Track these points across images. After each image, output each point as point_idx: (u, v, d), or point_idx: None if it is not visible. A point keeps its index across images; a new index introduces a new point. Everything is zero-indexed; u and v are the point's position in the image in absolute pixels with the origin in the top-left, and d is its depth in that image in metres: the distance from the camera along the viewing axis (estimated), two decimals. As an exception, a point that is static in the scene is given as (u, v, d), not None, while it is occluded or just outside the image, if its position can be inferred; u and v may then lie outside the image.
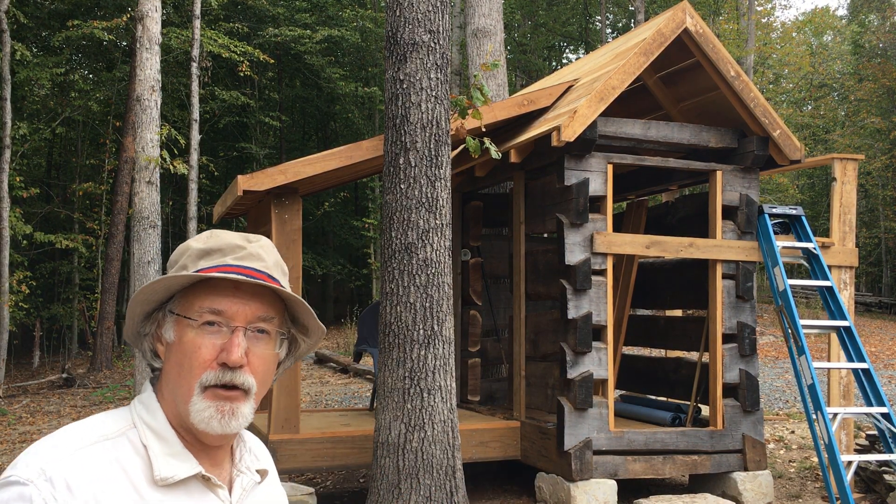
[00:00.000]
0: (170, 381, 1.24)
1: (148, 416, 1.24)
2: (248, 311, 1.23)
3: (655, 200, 10.92)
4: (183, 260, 1.26)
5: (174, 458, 1.21)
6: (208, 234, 1.29)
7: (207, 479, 1.24)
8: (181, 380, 1.22)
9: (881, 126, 27.05)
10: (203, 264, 1.24)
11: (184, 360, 1.22)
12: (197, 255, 1.25)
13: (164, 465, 1.20)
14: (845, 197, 6.86)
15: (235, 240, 1.27)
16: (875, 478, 6.50)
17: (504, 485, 6.95)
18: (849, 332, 6.29)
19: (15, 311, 14.44)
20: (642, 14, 20.39)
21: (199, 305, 1.22)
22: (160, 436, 1.22)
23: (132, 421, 1.23)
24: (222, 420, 1.20)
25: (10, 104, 13.79)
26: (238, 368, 1.21)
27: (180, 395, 1.22)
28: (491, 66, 6.37)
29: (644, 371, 7.96)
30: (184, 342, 1.22)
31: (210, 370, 1.20)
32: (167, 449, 1.21)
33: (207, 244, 1.26)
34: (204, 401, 1.20)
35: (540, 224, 6.72)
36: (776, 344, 16.13)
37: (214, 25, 19.32)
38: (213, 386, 1.20)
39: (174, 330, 1.24)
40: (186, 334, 1.22)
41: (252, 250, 1.26)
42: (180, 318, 1.23)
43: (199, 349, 1.21)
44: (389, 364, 5.30)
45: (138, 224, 7.81)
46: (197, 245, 1.27)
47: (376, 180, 21.44)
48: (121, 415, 1.25)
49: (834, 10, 51.62)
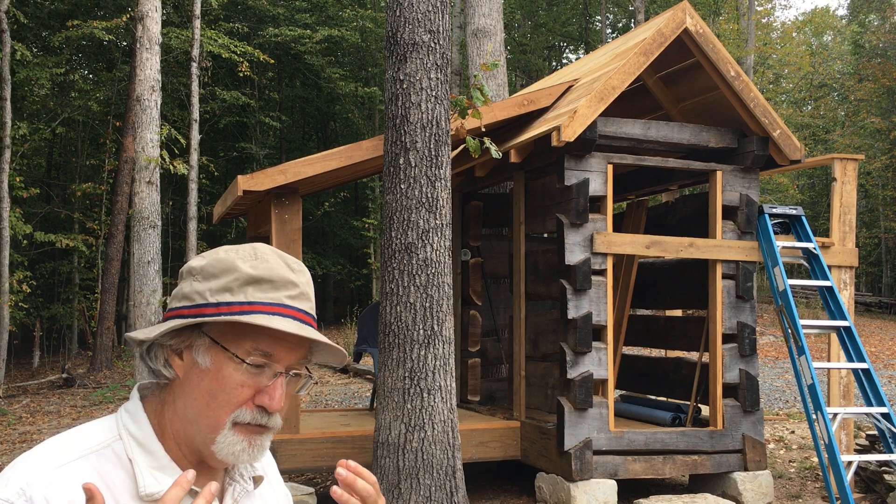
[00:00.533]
0: (192, 405, 1.19)
1: (134, 427, 1.20)
2: (292, 357, 1.20)
3: (655, 200, 10.92)
4: (228, 281, 1.18)
5: (160, 472, 1.18)
6: (252, 252, 1.21)
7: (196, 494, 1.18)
8: (210, 410, 1.18)
9: (881, 126, 27.06)
10: (253, 295, 1.17)
11: (219, 392, 1.17)
12: (245, 281, 1.18)
13: (150, 479, 1.17)
14: (845, 197, 6.86)
15: (284, 271, 1.21)
16: (875, 478, 6.50)
17: (504, 485, 6.95)
18: (849, 332, 6.29)
19: (15, 311, 14.44)
20: (642, 14, 20.39)
21: (249, 345, 1.17)
22: (146, 448, 1.19)
23: (118, 432, 1.20)
24: (252, 452, 1.19)
25: (10, 104, 13.79)
26: (274, 413, 1.20)
27: (205, 424, 1.18)
28: (491, 66, 6.37)
29: (644, 371, 7.96)
30: (223, 375, 1.17)
31: (246, 408, 1.18)
32: (153, 462, 1.18)
33: (258, 271, 1.19)
34: (236, 435, 1.18)
35: (540, 224, 6.72)
36: (776, 344, 16.13)
37: (214, 25, 19.33)
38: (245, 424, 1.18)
39: (211, 357, 1.18)
40: (227, 368, 1.17)
41: (303, 289, 1.22)
42: (224, 351, 1.17)
43: (241, 388, 1.17)
44: (389, 364, 5.30)
45: (138, 224, 7.81)
46: (245, 268, 1.19)
47: (376, 180, 21.44)
48: (107, 425, 1.21)
49: (834, 10, 51.63)
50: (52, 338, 21.62)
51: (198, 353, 1.19)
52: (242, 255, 1.21)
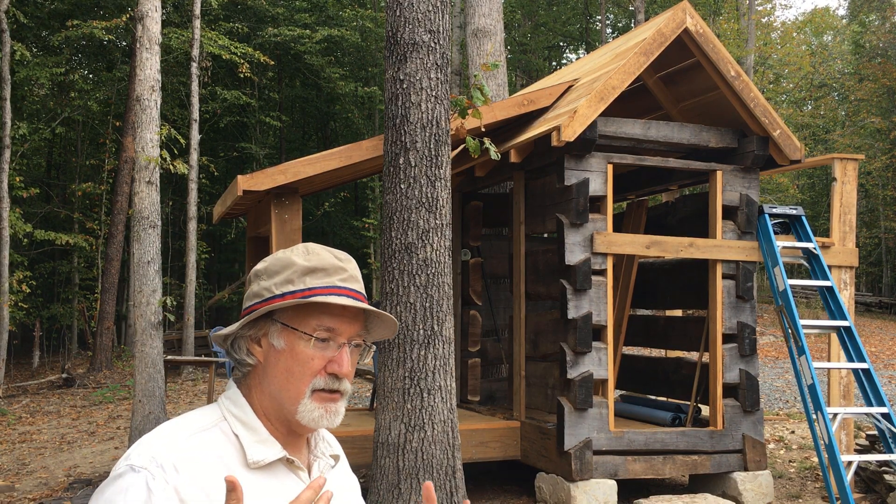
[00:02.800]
0: (276, 383, 1.39)
1: (236, 409, 1.40)
2: (351, 329, 1.40)
3: (655, 200, 10.92)
4: (288, 275, 1.39)
5: (262, 445, 1.37)
6: (305, 249, 1.43)
7: (291, 462, 1.40)
8: (290, 384, 1.37)
9: (881, 126, 27.05)
10: (311, 282, 1.38)
11: (295, 367, 1.37)
12: (303, 272, 1.39)
13: (255, 450, 1.36)
14: (845, 197, 6.85)
15: (335, 260, 1.41)
16: (875, 478, 6.50)
17: (504, 485, 6.95)
18: (849, 332, 6.28)
19: (15, 311, 14.44)
20: (642, 14, 20.39)
21: (315, 322, 1.37)
22: (248, 426, 1.38)
23: (222, 414, 1.40)
24: (329, 418, 1.38)
25: (9, 104, 13.78)
26: (344, 378, 1.40)
27: (289, 397, 1.37)
28: (491, 66, 6.37)
29: (644, 371, 7.96)
30: (296, 352, 1.37)
31: (319, 377, 1.37)
32: (255, 437, 1.37)
33: (311, 262, 1.40)
34: (313, 402, 1.37)
35: (540, 224, 6.72)
36: (776, 344, 16.13)
37: (214, 25, 19.32)
38: (320, 390, 1.38)
39: (284, 339, 1.38)
40: (298, 345, 1.37)
41: (352, 272, 1.42)
42: (294, 331, 1.38)
43: (313, 360, 1.37)
44: (389, 364, 5.30)
45: (138, 224, 7.80)
46: (301, 261, 1.40)
47: (376, 180, 21.44)
48: (211, 410, 1.41)
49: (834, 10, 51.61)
50: (52, 338, 21.62)
51: (273, 337, 1.39)
52: (297, 252, 1.42)
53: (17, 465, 8.76)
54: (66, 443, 9.82)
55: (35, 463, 8.79)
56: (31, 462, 8.85)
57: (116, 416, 11.63)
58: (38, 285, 19.45)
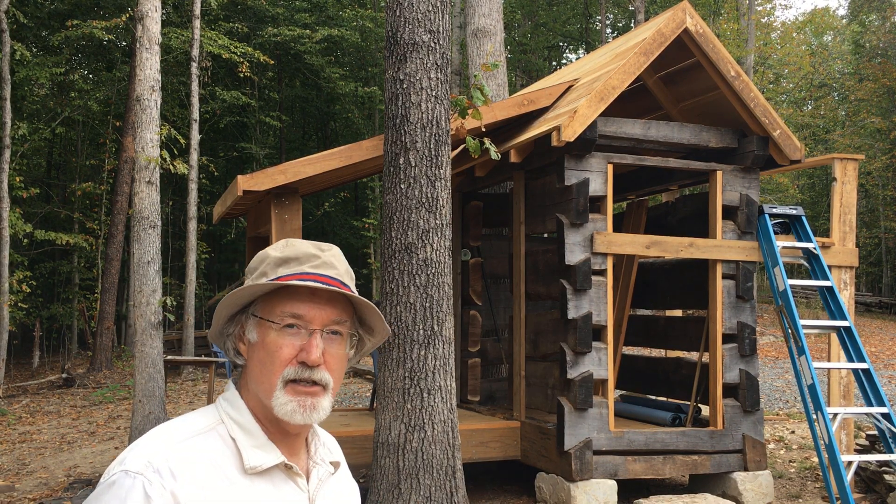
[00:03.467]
0: (253, 377, 1.37)
1: (234, 412, 1.37)
2: (323, 315, 1.36)
3: (655, 200, 10.92)
4: (262, 268, 1.38)
5: (260, 450, 1.34)
6: (284, 243, 1.41)
7: (289, 468, 1.37)
8: (263, 376, 1.35)
9: (881, 126, 27.04)
10: (282, 272, 1.36)
11: (266, 358, 1.35)
12: (276, 263, 1.37)
13: (253, 455, 1.33)
14: (845, 197, 6.85)
15: (310, 249, 1.39)
16: (875, 478, 6.50)
17: (504, 485, 6.95)
18: (849, 332, 6.28)
19: (15, 311, 14.44)
20: (642, 14, 20.39)
21: (280, 310, 1.35)
22: (246, 429, 1.35)
23: (219, 417, 1.37)
24: (304, 413, 1.34)
25: (9, 104, 13.78)
26: (316, 367, 1.34)
27: (263, 390, 1.35)
28: (491, 66, 6.37)
29: (644, 371, 7.96)
30: (266, 342, 1.35)
31: (291, 366, 1.34)
32: (253, 441, 1.34)
33: (285, 253, 1.38)
34: (286, 395, 1.33)
35: (540, 224, 6.72)
36: (776, 344, 16.13)
37: (214, 25, 19.33)
38: (293, 381, 1.34)
39: (257, 331, 1.37)
40: (268, 335, 1.35)
41: (325, 259, 1.39)
42: (262, 321, 1.36)
43: (281, 349, 1.34)
44: (389, 364, 5.30)
45: (138, 224, 7.80)
46: (275, 253, 1.39)
47: (376, 180, 21.44)
48: (209, 412, 1.39)
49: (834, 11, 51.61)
50: (52, 338, 21.62)
51: (249, 331, 1.39)
52: (276, 246, 1.41)
53: (17, 465, 8.76)
54: (66, 443, 9.82)
55: (35, 463, 8.79)
56: (31, 462, 8.85)
57: (116, 416, 11.63)
58: (38, 285, 19.45)
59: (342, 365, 1.40)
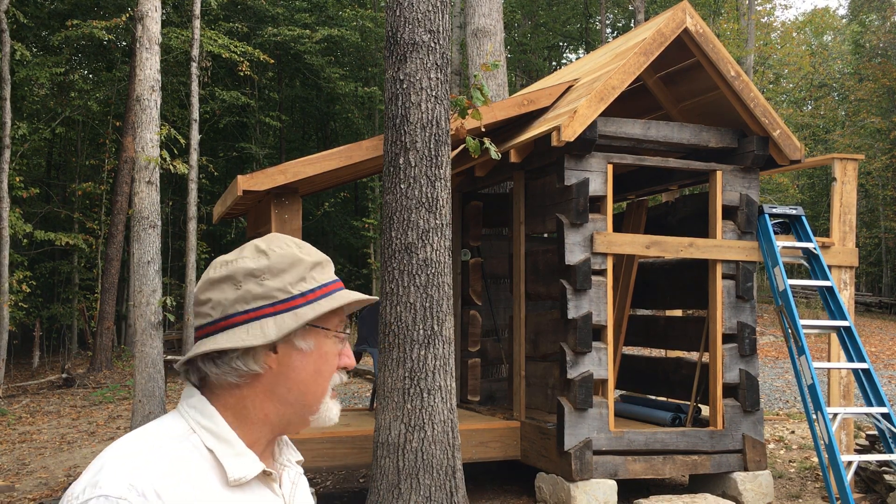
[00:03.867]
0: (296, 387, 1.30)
1: (205, 420, 1.27)
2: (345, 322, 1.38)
3: (655, 200, 10.92)
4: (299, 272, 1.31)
5: (240, 459, 1.26)
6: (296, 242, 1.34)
7: (268, 475, 1.30)
8: (317, 385, 1.32)
9: (881, 126, 27.04)
10: (319, 277, 1.33)
11: (324, 366, 1.32)
12: (310, 267, 1.32)
13: (235, 466, 1.25)
14: (845, 197, 6.85)
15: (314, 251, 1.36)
16: (875, 478, 6.50)
17: (504, 485, 6.95)
18: (849, 332, 6.28)
19: (15, 311, 14.44)
20: (642, 14, 20.39)
21: (337, 319, 1.34)
22: (223, 439, 1.26)
23: (189, 426, 1.27)
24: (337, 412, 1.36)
25: (9, 104, 13.78)
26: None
27: (315, 398, 1.32)
28: (491, 66, 6.37)
29: (644, 371, 7.95)
30: (325, 351, 1.32)
31: (337, 373, 1.35)
32: (231, 450, 1.26)
33: (311, 256, 1.34)
34: (332, 400, 1.34)
35: (540, 224, 6.72)
36: (776, 344, 16.13)
37: (214, 25, 19.33)
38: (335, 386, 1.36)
39: (313, 339, 1.32)
40: (327, 344, 1.32)
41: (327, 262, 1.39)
42: (322, 330, 1.32)
43: (335, 357, 1.34)
44: (389, 364, 5.30)
45: (138, 224, 7.80)
46: (303, 255, 1.32)
47: (376, 180, 21.44)
48: (175, 422, 1.28)
49: (834, 10, 51.61)
50: (52, 338, 21.62)
51: (298, 339, 1.30)
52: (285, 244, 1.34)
53: (17, 465, 8.76)
54: (66, 443, 9.82)
55: (35, 463, 8.79)
56: (31, 462, 8.85)
57: (116, 416, 11.63)
58: (38, 285, 19.45)
59: None
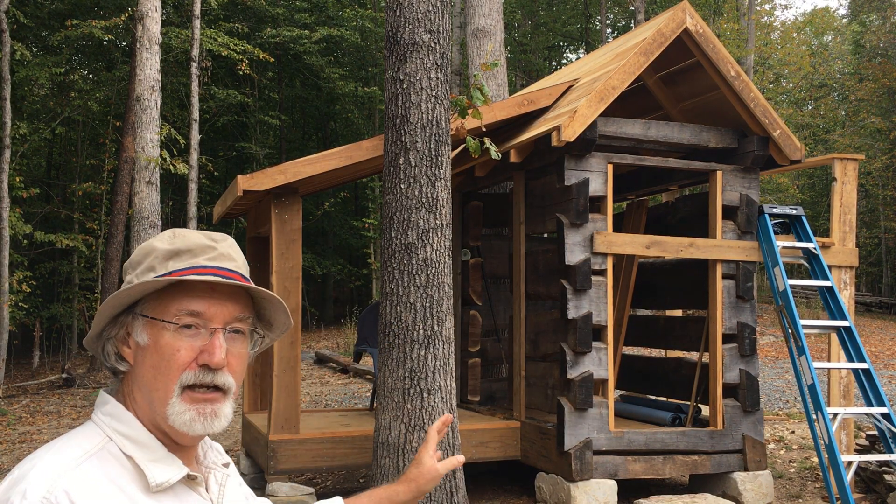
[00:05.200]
0: (144, 385, 1.22)
1: (122, 426, 1.21)
2: (225, 312, 1.23)
3: (655, 200, 10.91)
4: (149, 261, 1.23)
5: (161, 464, 1.20)
6: (171, 233, 1.26)
7: (192, 479, 1.24)
8: (157, 382, 1.20)
9: (881, 126, 27.04)
10: (173, 266, 1.22)
11: (161, 362, 1.20)
12: (165, 256, 1.23)
13: (156, 471, 1.18)
14: (845, 197, 6.85)
15: (203, 239, 1.25)
16: (875, 478, 6.50)
17: (504, 485, 6.95)
18: (849, 332, 6.28)
19: (15, 311, 14.44)
20: (642, 14, 20.39)
21: (175, 308, 1.21)
22: (140, 444, 1.20)
23: (105, 434, 1.21)
24: (205, 422, 1.21)
25: (9, 104, 13.78)
26: (219, 370, 1.21)
27: (157, 398, 1.20)
28: (491, 66, 6.37)
29: (644, 371, 7.95)
30: (160, 345, 1.20)
31: (189, 370, 1.20)
32: (151, 455, 1.20)
33: (174, 245, 1.24)
34: (183, 403, 1.20)
35: (540, 224, 6.72)
36: (776, 344, 16.13)
37: (214, 25, 19.33)
38: (190, 386, 1.20)
39: (147, 333, 1.22)
40: (163, 337, 1.20)
41: (222, 250, 1.25)
42: (155, 321, 1.21)
43: (178, 351, 1.20)
44: (389, 364, 5.30)
45: (138, 224, 7.80)
46: (163, 246, 1.24)
47: (376, 180, 21.44)
48: (90, 431, 1.22)
49: (834, 11, 51.61)
50: (52, 338, 21.62)
51: (137, 333, 1.22)
52: (160, 237, 1.26)
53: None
54: (66, 443, 9.82)
55: (35, 463, 8.79)
56: (31, 462, 8.85)
57: (116, 416, 11.62)
58: (38, 285, 19.44)
59: (244, 366, 1.28)
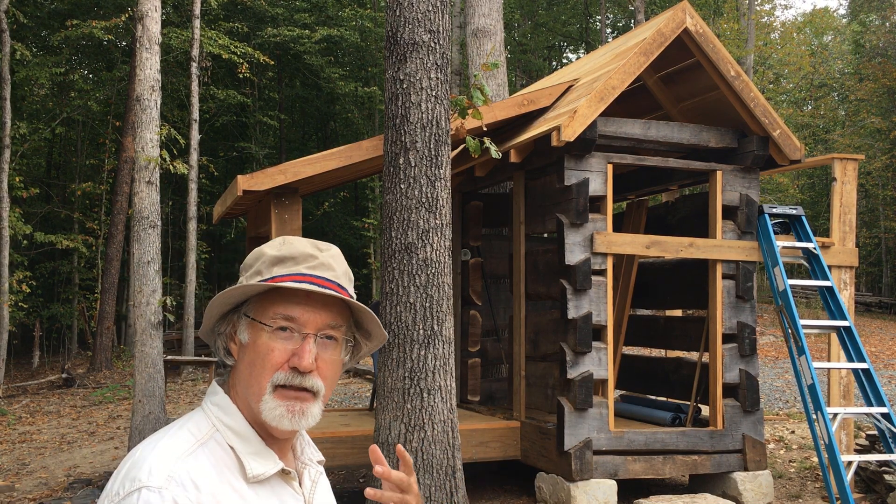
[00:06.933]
0: (242, 380, 1.31)
1: (227, 417, 1.31)
2: (318, 318, 1.30)
3: (655, 200, 10.91)
4: (258, 266, 1.32)
5: (259, 457, 1.29)
6: (281, 240, 1.35)
7: (287, 474, 1.32)
8: (252, 379, 1.29)
9: (881, 126, 27.03)
10: (277, 271, 1.30)
11: (256, 360, 1.29)
12: (271, 262, 1.31)
13: (254, 463, 1.28)
14: (845, 197, 6.85)
15: (307, 248, 1.33)
16: (875, 478, 6.50)
17: (504, 485, 6.95)
18: (849, 332, 6.28)
19: (15, 311, 14.44)
20: (642, 14, 20.38)
21: (273, 311, 1.29)
22: (242, 436, 1.30)
23: (212, 424, 1.30)
24: (292, 419, 1.28)
25: (9, 104, 13.78)
26: (308, 373, 1.29)
27: (252, 393, 1.29)
28: (491, 66, 6.37)
29: (644, 371, 7.95)
30: (257, 344, 1.29)
31: (281, 371, 1.28)
32: (251, 448, 1.29)
33: (281, 251, 1.32)
34: (274, 399, 1.28)
35: (540, 224, 6.72)
36: (776, 344, 16.12)
37: (214, 25, 19.33)
38: (281, 386, 1.28)
39: (248, 332, 1.31)
40: (260, 337, 1.29)
41: (323, 260, 1.32)
42: (255, 322, 1.30)
43: (272, 352, 1.28)
44: (389, 364, 5.30)
45: (138, 224, 7.79)
46: (271, 252, 1.32)
47: (376, 180, 21.44)
48: (200, 420, 1.32)
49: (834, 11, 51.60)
50: (52, 338, 21.63)
51: (240, 332, 1.33)
52: (272, 244, 1.35)
53: (17, 465, 8.76)
54: (66, 443, 9.82)
55: (35, 463, 8.79)
56: (31, 462, 8.85)
57: (116, 416, 11.63)
58: (38, 285, 19.45)
59: (336, 371, 1.34)
